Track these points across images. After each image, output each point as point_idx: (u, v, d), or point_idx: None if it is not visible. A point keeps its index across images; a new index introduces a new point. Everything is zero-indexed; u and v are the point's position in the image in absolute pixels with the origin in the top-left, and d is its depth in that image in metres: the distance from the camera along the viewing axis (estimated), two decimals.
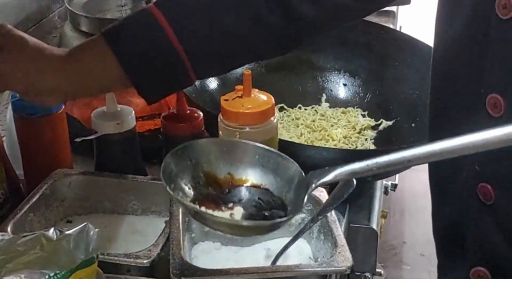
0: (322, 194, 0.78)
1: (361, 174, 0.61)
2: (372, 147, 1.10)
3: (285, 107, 1.16)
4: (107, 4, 1.57)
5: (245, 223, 0.63)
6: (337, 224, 0.74)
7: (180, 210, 0.75)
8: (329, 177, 0.62)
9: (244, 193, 0.66)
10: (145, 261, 0.70)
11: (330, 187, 0.78)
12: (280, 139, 0.85)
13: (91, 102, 1.22)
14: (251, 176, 0.67)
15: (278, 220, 0.62)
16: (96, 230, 0.64)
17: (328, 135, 1.11)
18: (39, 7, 1.52)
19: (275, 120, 0.81)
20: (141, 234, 0.81)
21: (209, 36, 0.71)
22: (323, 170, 0.62)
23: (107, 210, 0.83)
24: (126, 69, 0.69)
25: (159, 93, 0.73)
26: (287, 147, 0.86)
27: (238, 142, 0.73)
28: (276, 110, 1.15)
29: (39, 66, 0.70)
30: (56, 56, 0.71)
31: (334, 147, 1.06)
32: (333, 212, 0.75)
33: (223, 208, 0.64)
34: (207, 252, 0.77)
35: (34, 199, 0.77)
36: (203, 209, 0.63)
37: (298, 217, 0.78)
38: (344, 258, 0.68)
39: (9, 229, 0.71)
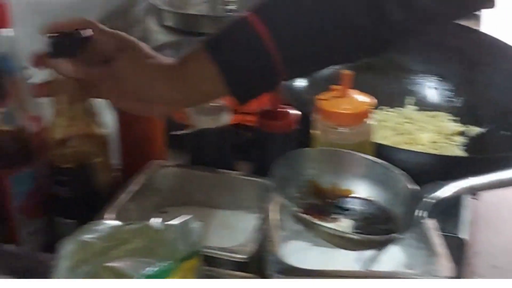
0: None
1: (480, 190, 0.58)
2: (462, 153, 1.07)
3: None
4: (190, 0, 1.59)
5: (357, 236, 0.61)
6: (434, 231, 0.73)
7: (275, 207, 0.75)
8: (445, 193, 0.60)
9: (350, 204, 0.65)
10: (242, 256, 0.70)
11: None
12: None
13: None
14: (357, 187, 0.66)
15: (393, 235, 0.60)
16: (199, 223, 0.65)
17: (414, 139, 1.09)
18: (125, 0, 1.54)
19: (372, 122, 0.81)
20: (232, 228, 0.82)
21: (305, 43, 0.71)
22: (436, 184, 0.60)
23: (200, 203, 0.84)
24: (228, 79, 0.69)
25: (252, 96, 0.74)
26: (379, 150, 0.86)
27: (344, 152, 0.72)
28: None
29: (153, 73, 0.70)
30: (166, 65, 0.72)
31: (433, 152, 1.04)
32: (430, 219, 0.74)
33: (327, 218, 0.63)
34: (297, 251, 0.77)
35: (133, 189, 0.79)
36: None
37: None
38: (445, 268, 0.66)
39: (112, 216, 0.73)
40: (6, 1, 0.75)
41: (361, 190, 0.66)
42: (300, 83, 1.11)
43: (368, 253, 0.74)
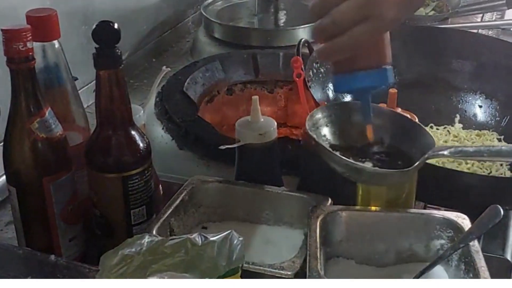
0: (464, 222, 0.76)
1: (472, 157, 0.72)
2: (508, 173, 1.05)
3: None
4: (240, 13, 1.60)
5: (373, 169, 0.73)
6: (480, 255, 0.71)
7: (318, 223, 0.74)
8: (444, 152, 0.73)
9: (376, 149, 0.75)
10: (289, 273, 0.70)
11: (473, 216, 0.76)
12: None
13: (221, 108, 1.25)
14: (384, 137, 0.76)
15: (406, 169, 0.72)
16: (240, 238, 0.65)
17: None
18: (175, 12, 1.57)
19: None
20: (273, 244, 0.81)
21: None
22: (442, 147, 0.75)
23: (240, 218, 0.84)
24: None
25: None
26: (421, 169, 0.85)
27: (376, 106, 0.79)
28: None
29: None
30: None
31: (469, 171, 1.02)
32: (476, 242, 0.73)
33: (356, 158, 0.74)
34: (340, 269, 0.76)
35: (175, 204, 0.79)
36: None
37: (438, 243, 0.77)
38: None
39: (154, 232, 0.73)
40: (55, 13, 0.77)
41: (387, 140, 0.77)
42: (346, 100, 1.11)
43: (411, 274, 0.74)
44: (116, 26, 0.72)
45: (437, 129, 1.13)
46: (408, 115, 0.80)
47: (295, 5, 1.62)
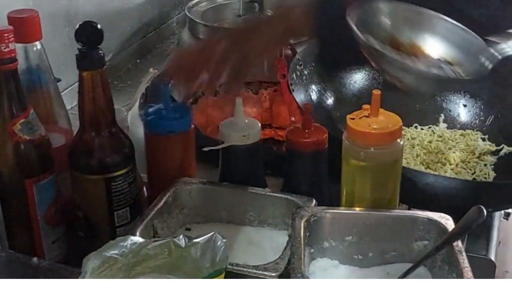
0: (448, 222, 0.76)
1: None
2: (492, 173, 1.05)
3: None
4: (225, 13, 1.59)
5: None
6: (463, 255, 0.72)
7: (302, 224, 0.74)
8: None
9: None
10: (273, 274, 0.70)
11: (457, 219, 0.76)
12: None
13: (206, 110, 1.24)
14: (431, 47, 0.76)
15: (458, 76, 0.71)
16: (224, 240, 0.65)
17: (445, 158, 1.07)
18: (160, 13, 1.56)
19: (401, 142, 0.80)
20: (257, 245, 0.81)
21: None
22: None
23: (224, 219, 0.84)
24: None
25: None
26: (404, 172, 0.85)
27: (425, 12, 0.78)
28: None
29: None
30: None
31: (452, 174, 1.03)
32: (459, 242, 0.73)
33: None
34: (325, 270, 0.76)
35: (158, 206, 0.79)
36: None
37: (421, 244, 0.77)
38: None
39: (138, 233, 0.73)
40: (37, 14, 0.76)
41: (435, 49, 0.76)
42: (328, 100, 1.11)
43: (395, 271, 0.75)
44: (99, 26, 0.72)
45: (422, 129, 1.14)
46: (393, 117, 0.80)
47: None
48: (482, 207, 0.73)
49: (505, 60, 1.13)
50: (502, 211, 1.24)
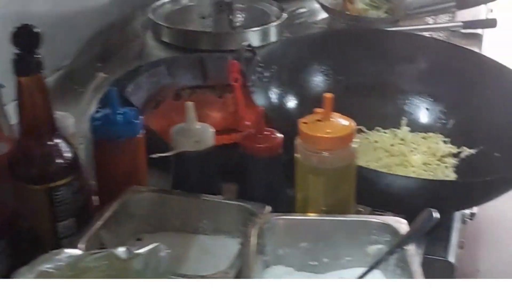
0: (402, 226, 0.75)
1: None
2: (453, 175, 1.05)
3: (364, 129, 1.13)
4: (189, 16, 1.57)
5: None
6: (415, 259, 0.71)
7: (254, 231, 0.73)
8: None
9: None
10: None
11: (410, 219, 0.75)
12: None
13: (169, 114, 1.22)
14: None
15: None
16: (167, 250, 0.63)
17: (407, 161, 1.06)
18: (123, 15, 1.53)
19: (355, 146, 0.79)
20: (211, 254, 0.79)
21: None
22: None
23: (177, 228, 0.82)
24: None
25: None
26: (365, 174, 0.84)
27: None
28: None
29: None
30: None
31: (414, 176, 1.02)
32: (412, 246, 0.72)
33: None
34: (279, 277, 0.75)
35: (106, 216, 0.77)
36: None
37: (375, 247, 0.76)
38: None
39: (82, 245, 0.71)
40: None
41: None
42: (290, 102, 1.10)
43: (350, 276, 0.74)
44: (36, 29, 0.69)
45: (385, 132, 1.13)
46: (346, 121, 0.79)
47: (247, 8, 1.61)
48: (433, 209, 0.73)
49: (467, 63, 1.14)
50: (468, 212, 1.24)
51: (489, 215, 2.18)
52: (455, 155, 1.08)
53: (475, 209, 1.34)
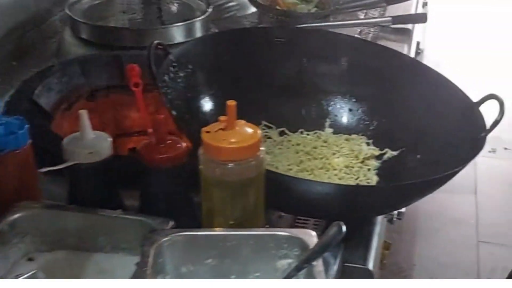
0: (311, 239, 0.72)
1: None
2: (375, 178, 1.02)
3: (286, 131, 1.09)
4: (109, 11, 1.50)
5: None
6: (322, 275, 0.68)
7: (152, 250, 0.68)
8: None
9: None
10: None
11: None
12: (269, 170, 0.78)
13: None
14: None
15: None
16: (44, 278, 0.58)
17: (329, 164, 1.03)
18: (38, 9, 1.45)
19: (261, 156, 0.74)
20: (109, 274, 0.74)
21: None
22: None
23: (73, 246, 0.76)
24: None
25: None
26: (277, 180, 0.80)
27: None
28: (277, 134, 1.08)
29: None
30: None
31: (336, 179, 0.99)
32: (320, 261, 0.69)
33: None
34: None
35: None
36: None
37: (285, 262, 0.73)
38: None
39: None
40: None
41: None
42: (206, 104, 1.05)
43: None
44: None
45: (308, 134, 1.10)
46: (251, 129, 0.74)
47: (173, 2, 1.54)
48: (341, 223, 0.69)
49: (390, 63, 1.11)
50: (396, 212, 1.22)
51: (426, 207, 2.20)
52: (378, 157, 1.05)
53: (403, 209, 1.32)
